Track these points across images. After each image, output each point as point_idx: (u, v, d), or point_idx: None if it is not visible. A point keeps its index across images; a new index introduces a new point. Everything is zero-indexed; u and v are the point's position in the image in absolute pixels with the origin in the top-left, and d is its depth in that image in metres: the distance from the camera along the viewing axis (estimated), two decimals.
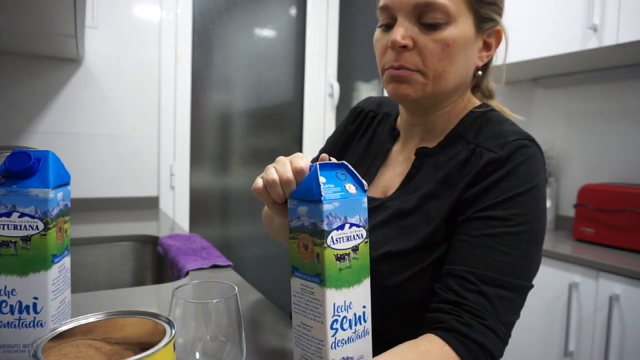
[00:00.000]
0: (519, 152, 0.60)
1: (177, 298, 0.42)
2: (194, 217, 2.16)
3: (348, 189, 0.50)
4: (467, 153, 0.64)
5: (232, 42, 2.24)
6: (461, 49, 0.63)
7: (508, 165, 0.59)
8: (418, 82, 0.63)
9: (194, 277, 0.95)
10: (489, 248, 0.57)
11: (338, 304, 0.48)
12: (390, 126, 0.79)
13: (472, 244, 0.58)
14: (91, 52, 1.83)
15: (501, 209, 0.58)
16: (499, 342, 0.54)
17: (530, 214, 0.58)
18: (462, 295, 0.55)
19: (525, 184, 0.59)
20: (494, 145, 0.62)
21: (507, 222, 0.57)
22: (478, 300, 0.54)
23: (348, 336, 0.49)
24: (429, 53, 0.61)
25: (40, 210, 0.51)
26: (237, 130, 2.29)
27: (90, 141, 1.86)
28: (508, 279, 0.56)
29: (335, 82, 2.46)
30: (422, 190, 0.65)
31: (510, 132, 0.63)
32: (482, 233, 0.58)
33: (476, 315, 0.54)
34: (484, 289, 0.55)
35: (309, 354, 0.49)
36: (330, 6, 2.45)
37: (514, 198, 0.58)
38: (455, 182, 0.63)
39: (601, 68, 1.76)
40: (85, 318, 0.39)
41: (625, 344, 1.26)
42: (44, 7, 1.05)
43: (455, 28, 0.61)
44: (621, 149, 1.73)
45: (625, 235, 1.45)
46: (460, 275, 0.57)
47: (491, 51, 0.68)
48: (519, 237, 0.57)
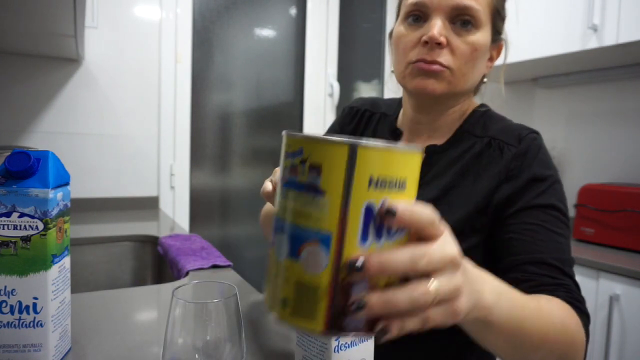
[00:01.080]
0: (534, 144, 0.66)
1: (177, 298, 0.42)
2: (194, 217, 2.16)
3: None
4: (481, 146, 0.68)
5: (232, 42, 2.24)
6: (482, 55, 0.68)
7: (533, 157, 0.65)
8: (446, 79, 0.66)
9: (194, 277, 0.95)
10: (556, 234, 0.61)
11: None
12: (390, 126, 0.80)
13: (542, 233, 0.61)
14: (91, 52, 1.83)
15: (545, 198, 0.63)
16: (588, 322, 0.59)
17: (563, 195, 0.66)
18: (558, 278, 0.59)
19: (551, 170, 0.66)
20: (511, 139, 0.67)
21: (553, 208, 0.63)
22: (568, 280, 0.59)
23: (351, 340, 0.49)
24: (460, 54, 0.65)
25: (40, 210, 0.51)
26: (237, 130, 2.29)
27: (90, 141, 1.86)
28: (571, 256, 0.62)
29: (335, 82, 2.46)
30: (439, 184, 0.68)
31: (518, 126, 0.69)
32: (545, 222, 0.62)
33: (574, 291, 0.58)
34: (567, 271, 0.60)
35: (311, 356, 0.49)
36: (330, 6, 2.45)
37: (551, 186, 0.64)
38: (475, 174, 0.67)
39: (601, 68, 1.76)
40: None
41: (625, 344, 1.26)
42: (44, 7, 1.05)
43: (481, 35, 0.66)
44: (621, 149, 1.73)
45: (625, 235, 1.45)
46: (547, 263, 0.59)
47: (492, 62, 0.74)
48: (564, 218, 0.64)
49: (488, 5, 0.66)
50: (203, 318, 0.42)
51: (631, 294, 1.25)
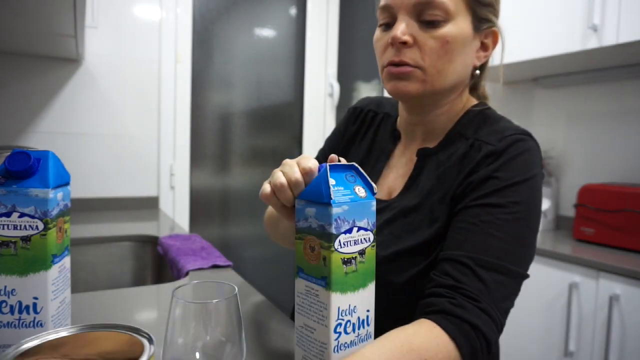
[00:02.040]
0: (516, 145, 0.61)
1: (177, 298, 0.42)
2: (194, 217, 2.16)
3: (357, 192, 0.49)
4: (465, 147, 0.65)
5: (232, 42, 2.24)
6: (459, 47, 0.64)
7: (505, 156, 0.61)
8: (418, 78, 0.64)
9: (194, 277, 0.95)
10: (485, 234, 0.57)
11: (342, 308, 0.47)
12: (391, 127, 0.79)
13: (468, 230, 0.58)
14: (91, 52, 1.83)
15: (497, 197, 0.59)
16: (493, 325, 0.54)
17: (527, 203, 0.59)
18: (457, 279, 0.55)
19: (522, 175, 0.60)
20: (493, 139, 0.63)
21: (503, 208, 0.58)
22: (474, 283, 0.55)
23: (351, 340, 0.48)
24: (428, 50, 0.63)
25: (40, 210, 0.51)
26: (237, 130, 2.29)
27: (90, 141, 1.86)
28: (504, 264, 0.56)
29: (335, 82, 2.46)
30: (424, 188, 0.66)
31: (508, 128, 0.64)
32: (479, 220, 0.58)
33: (471, 297, 0.54)
34: (480, 273, 0.55)
35: (311, 356, 0.48)
36: (330, 6, 2.45)
37: (511, 187, 0.59)
38: (454, 174, 0.64)
39: (601, 68, 1.76)
40: (55, 332, 0.37)
41: (625, 344, 1.26)
42: (44, 7, 1.05)
43: (454, 26, 0.63)
44: (621, 149, 1.73)
45: (625, 235, 1.45)
46: (456, 260, 0.57)
47: (488, 52, 0.70)
48: (516, 224, 0.58)
49: None
50: (203, 318, 0.42)
51: (631, 294, 1.25)
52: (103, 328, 0.38)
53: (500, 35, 0.70)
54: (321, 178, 0.48)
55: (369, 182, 0.51)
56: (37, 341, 0.36)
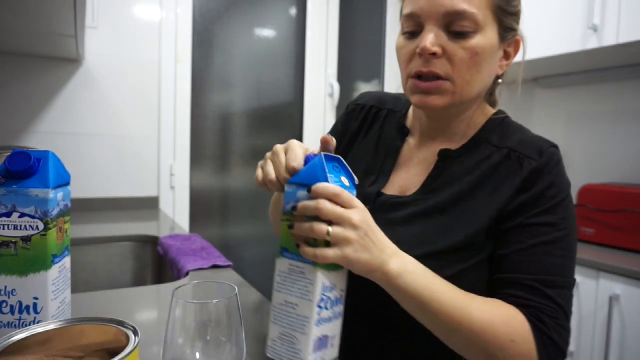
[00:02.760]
0: (554, 159, 0.65)
1: (177, 298, 0.42)
2: (194, 217, 2.16)
3: (343, 181, 0.54)
4: (500, 156, 0.66)
5: (232, 42, 2.24)
6: (487, 58, 0.64)
7: (548, 172, 0.63)
8: (447, 91, 0.64)
9: (194, 277, 0.95)
10: (546, 254, 0.61)
11: (326, 285, 0.52)
12: (398, 123, 0.78)
13: (530, 252, 0.61)
14: (91, 52, 1.83)
15: (551, 215, 0.62)
16: (567, 337, 0.59)
17: (572, 216, 0.64)
18: (531, 300, 0.59)
19: (565, 190, 0.64)
20: (532, 152, 0.65)
21: (557, 227, 0.62)
22: (547, 303, 0.59)
23: (328, 316, 0.53)
24: (458, 61, 0.62)
25: (40, 210, 0.51)
26: (237, 130, 2.29)
27: (90, 141, 1.86)
28: (565, 278, 0.61)
29: (335, 82, 2.46)
30: (452, 190, 0.66)
31: (539, 139, 0.67)
32: (539, 241, 0.61)
33: (549, 315, 0.58)
34: (549, 293, 0.59)
35: (290, 331, 0.50)
36: (330, 6, 2.45)
37: (560, 204, 0.63)
38: (493, 185, 0.64)
39: (601, 68, 1.76)
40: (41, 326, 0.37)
41: (625, 344, 1.26)
42: (44, 7, 1.05)
43: (482, 37, 0.62)
44: (621, 149, 1.73)
45: (625, 235, 1.45)
46: (525, 284, 0.60)
47: (510, 59, 0.70)
48: (568, 240, 0.62)
49: (486, 4, 0.62)
50: (203, 318, 0.42)
51: (631, 294, 1.25)
52: (88, 321, 0.38)
53: (522, 42, 0.70)
54: (317, 166, 0.53)
55: (352, 175, 0.57)
56: (25, 334, 0.36)
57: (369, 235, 0.52)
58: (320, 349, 0.52)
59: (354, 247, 0.51)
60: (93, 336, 0.38)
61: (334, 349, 0.55)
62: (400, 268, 0.54)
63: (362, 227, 0.51)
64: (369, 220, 0.53)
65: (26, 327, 0.39)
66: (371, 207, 0.67)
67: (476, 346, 0.56)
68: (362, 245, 0.51)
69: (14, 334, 0.35)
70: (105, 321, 0.38)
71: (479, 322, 0.55)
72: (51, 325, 0.38)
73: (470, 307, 0.56)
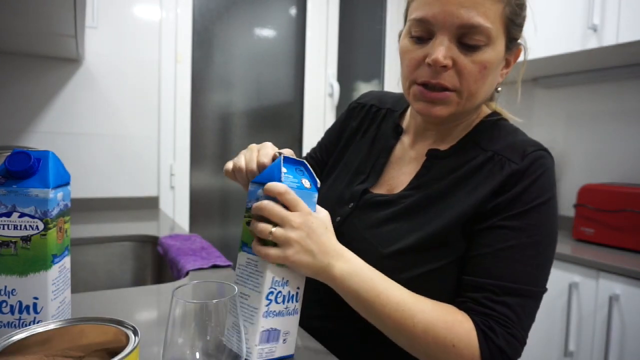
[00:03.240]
0: (538, 162, 0.62)
1: (177, 298, 0.42)
2: (194, 217, 2.16)
3: (304, 183, 0.58)
4: (483, 158, 0.65)
5: (232, 42, 2.24)
6: (494, 70, 0.64)
7: (529, 177, 0.61)
8: (453, 102, 0.63)
9: (194, 277, 0.95)
10: (511, 260, 0.59)
11: (276, 279, 0.55)
12: (394, 122, 0.78)
13: (495, 256, 0.60)
14: (91, 52, 1.83)
15: (522, 220, 0.60)
16: (519, 347, 0.58)
17: (548, 224, 0.61)
18: (487, 306, 0.58)
19: (544, 196, 0.61)
20: (515, 155, 0.63)
21: (526, 232, 0.60)
22: (503, 310, 0.58)
23: (279, 310, 0.55)
24: (467, 74, 0.61)
25: (40, 210, 0.51)
26: (237, 130, 2.29)
27: (90, 141, 1.86)
28: (530, 287, 0.59)
29: (335, 82, 2.46)
30: (432, 189, 0.66)
31: (527, 142, 0.65)
32: (506, 245, 0.60)
33: (501, 324, 0.57)
34: (508, 301, 0.58)
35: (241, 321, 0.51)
36: (330, 6, 2.45)
37: (534, 209, 0.60)
38: (472, 186, 0.64)
39: (601, 68, 1.76)
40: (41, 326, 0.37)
41: (625, 344, 1.26)
42: (44, 7, 1.05)
43: (493, 51, 0.62)
44: (621, 149, 1.73)
45: (625, 235, 1.45)
46: (485, 288, 0.59)
47: (509, 68, 0.70)
48: (539, 247, 0.60)
49: (499, 18, 0.61)
50: (203, 318, 0.42)
51: (631, 294, 1.25)
52: (88, 321, 0.38)
53: (523, 50, 0.70)
54: (275, 165, 0.57)
55: (315, 178, 0.60)
56: (25, 334, 0.36)
57: (311, 238, 0.55)
58: (269, 341, 0.54)
59: (294, 249, 0.54)
60: (93, 336, 0.38)
61: (288, 345, 0.57)
62: (344, 271, 0.56)
63: (302, 230, 0.54)
64: (312, 224, 0.55)
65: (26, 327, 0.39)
66: (355, 205, 0.70)
67: (419, 347, 0.57)
68: (304, 248, 0.54)
69: (14, 334, 0.35)
70: (105, 321, 0.38)
71: (421, 325, 0.56)
72: (51, 325, 0.38)
73: (415, 310, 0.56)
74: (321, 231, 0.56)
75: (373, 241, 0.66)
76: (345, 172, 0.79)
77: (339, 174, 0.80)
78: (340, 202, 0.74)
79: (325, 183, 0.82)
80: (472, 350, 0.56)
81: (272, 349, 0.55)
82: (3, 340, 0.34)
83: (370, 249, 0.65)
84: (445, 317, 0.57)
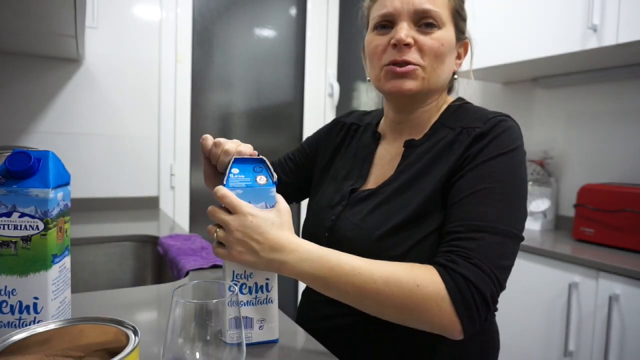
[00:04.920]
0: (500, 124, 0.68)
1: (177, 298, 0.42)
2: (194, 217, 2.16)
3: (258, 180, 0.62)
4: (453, 135, 0.71)
5: (232, 42, 2.24)
6: (448, 51, 0.73)
7: (491, 134, 0.67)
8: (419, 76, 0.72)
9: (194, 277, 0.95)
10: (475, 203, 0.63)
11: (237, 272, 0.60)
12: (372, 131, 0.87)
13: (460, 204, 0.64)
14: (91, 52, 1.83)
15: (484, 169, 0.65)
16: (486, 279, 0.58)
17: (511, 171, 0.65)
18: (452, 245, 0.62)
19: (505, 147, 0.66)
20: (479, 123, 0.69)
21: (489, 179, 0.64)
22: (465, 244, 0.60)
23: (247, 300, 0.60)
24: (427, 49, 0.71)
25: (40, 210, 0.51)
26: (237, 130, 2.29)
27: (90, 141, 1.86)
28: (495, 224, 0.61)
29: (335, 82, 2.46)
30: (413, 170, 0.72)
31: (490, 112, 0.71)
32: (469, 192, 0.64)
33: (462, 255, 0.60)
34: (471, 236, 0.61)
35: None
36: (330, 6, 2.45)
37: (495, 158, 0.65)
38: (446, 158, 0.69)
39: (601, 68, 1.76)
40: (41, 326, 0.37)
41: (625, 344, 1.26)
42: (44, 7, 1.05)
43: (445, 32, 0.73)
44: (621, 149, 1.73)
45: (625, 235, 1.45)
46: (451, 230, 0.63)
47: (461, 59, 0.79)
48: (504, 190, 0.63)
49: (447, 7, 0.73)
50: (203, 318, 0.42)
51: (631, 294, 1.25)
52: (88, 321, 0.38)
53: (470, 45, 0.80)
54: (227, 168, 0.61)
55: (272, 173, 0.64)
56: (25, 334, 0.36)
57: (251, 238, 0.58)
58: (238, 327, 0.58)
59: (237, 250, 0.58)
60: (93, 336, 0.38)
61: (267, 331, 0.62)
62: (293, 259, 0.60)
63: (239, 231, 0.58)
64: (251, 223, 0.59)
65: (26, 327, 0.39)
66: (346, 203, 0.77)
67: (387, 303, 0.58)
68: (245, 247, 0.58)
69: (14, 334, 0.35)
70: (105, 321, 0.38)
71: (381, 279, 0.58)
72: (51, 325, 0.38)
73: (371, 269, 0.59)
74: (264, 228, 0.59)
75: (366, 227, 0.70)
76: (334, 181, 0.85)
77: (329, 183, 0.86)
78: (332, 204, 0.80)
79: (316, 193, 0.88)
80: (437, 285, 0.57)
81: (247, 334, 0.61)
82: (3, 340, 0.34)
83: (362, 235, 0.70)
84: (404, 265, 0.60)
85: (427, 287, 0.57)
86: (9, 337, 0.35)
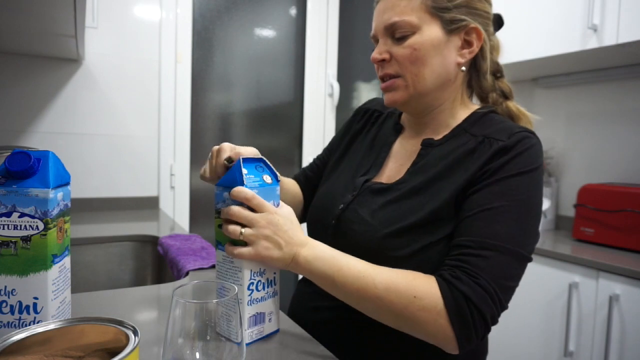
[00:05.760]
0: (524, 141, 0.66)
1: (177, 298, 0.42)
2: (194, 217, 2.16)
3: (265, 179, 0.63)
4: (475, 143, 0.70)
5: (232, 42, 2.24)
6: (430, 51, 0.71)
7: (514, 151, 0.66)
8: (400, 86, 0.73)
9: (194, 277, 0.95)
10: (489, 220, 0.62)
11: (254, 271, 0.61)
12: (394, 122, 0.86)
13: (474, 218, 0.63)
14: (91, 52, 1.83)
15: (503, 185, 0.64)
16: (488, 299, 0.58)
17: (528, 192, 0.64)
18: (460, 259, 0.61)
19: (527, 166, 0.65)
20: (503, 136, 0.68)
21: (507, 196, 0.63)
22: (474, 261, 0.60)
23: (261, 296, 0.62)
24: (401, 59, 0.72)
25: (40, 210, 0.51)
26: (237, 130, 2.29)
27: (90, 141, 1.86)
28: (506, 244, 0.61)
29: (335, 82, 2.46)
30: (429, 173, 0.71)
31: (515, 126, 0.70)
32: (485, 207, 0.63)
33: (468, 273, 0.59)
34: (481, 253, 0.60)
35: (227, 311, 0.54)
36: (330, 6, 2.45)
37: (515, 176, 0.64)
38: (465, 166, 0.68)
39: (601, 68, 1.76)
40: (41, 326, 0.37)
41: (625, 344, 1.26)
42: (44, 7, 1.05)
43: (420, 36, 0.71)
44: (621, 149, 1.73)
45: (625, 235, 1.45)
46: (461, 245, 0.62)
47: (473, 47, 0.74)
48: (517, 211, 0.63)
49: (419, 9, 0.71)
50: (203, 318, 0.42)
51: (631, 294, 1.25)
52: (88, 321, 0.38)
53: (482, 30, 0.74)
54: (236, 169, 0.61)
55: (274, 172, 0.66)
56: (25, 334, 0.36)
57: (278, 234, 0.62)
58: (256, 324, 0.62)
59: (264, 245, 0.61)
60: (93, 336, 0.38)
61: (272, 323, 0.65)
62: (309, 256, 0.63)
63: (269, 228, 0.61)
64: (278, 221, 0.62)
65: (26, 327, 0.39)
66: (357, 193, 0.77)
67: (384, 308, 0.60)
68: (273, 243, 0.61)
69: (14, 334, 0.35)
70: (105, 321, 0.38)
71: (382, 285, 0.60)
72: (51, 325, 0.38)
73: (374, 274, 0.61)
74: (287, 227, 0.63)
75: (374, 223, 0.70)
76: (348, 167, 0.85)
77: (343, 169, 0.86)
78: (343, 192, 0.80)
79: (329, 178, 0.88)
80: (434, 299, 0.58)
81: (260, 329, 0.62)
82: (3, 340, 0.34)
83: (369, 230, 0.70)
84: (406, 275, 0.61)
85: (424, 300, 0.58)
86: (9, 337, 0.35)
